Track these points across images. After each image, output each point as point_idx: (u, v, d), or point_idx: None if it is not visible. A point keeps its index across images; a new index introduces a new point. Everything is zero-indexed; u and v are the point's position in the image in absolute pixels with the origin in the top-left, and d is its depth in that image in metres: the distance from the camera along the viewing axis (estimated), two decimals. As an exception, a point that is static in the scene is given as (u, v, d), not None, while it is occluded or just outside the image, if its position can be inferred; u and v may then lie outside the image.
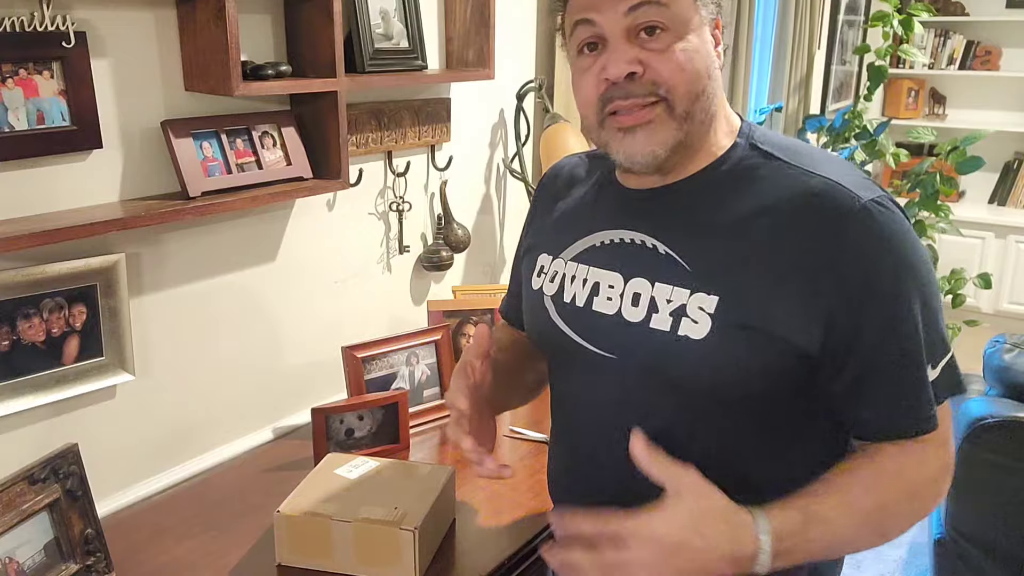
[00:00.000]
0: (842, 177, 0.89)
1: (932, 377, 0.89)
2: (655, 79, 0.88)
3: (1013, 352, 2.37)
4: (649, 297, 0.93)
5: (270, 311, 1.66)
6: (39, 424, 1.32)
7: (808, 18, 3.88)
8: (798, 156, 0.93)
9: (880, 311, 0.87)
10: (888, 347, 0.88)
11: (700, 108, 0.91)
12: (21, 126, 1.20)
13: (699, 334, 0.89)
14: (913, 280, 0.88)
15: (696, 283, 0.90)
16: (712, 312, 0.89)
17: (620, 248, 0.98)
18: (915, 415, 0.90)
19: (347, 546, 1.20)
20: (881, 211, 0.87)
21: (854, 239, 0.86)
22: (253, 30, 1.49)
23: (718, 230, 0.92)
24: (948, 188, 3.50)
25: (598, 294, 0.98)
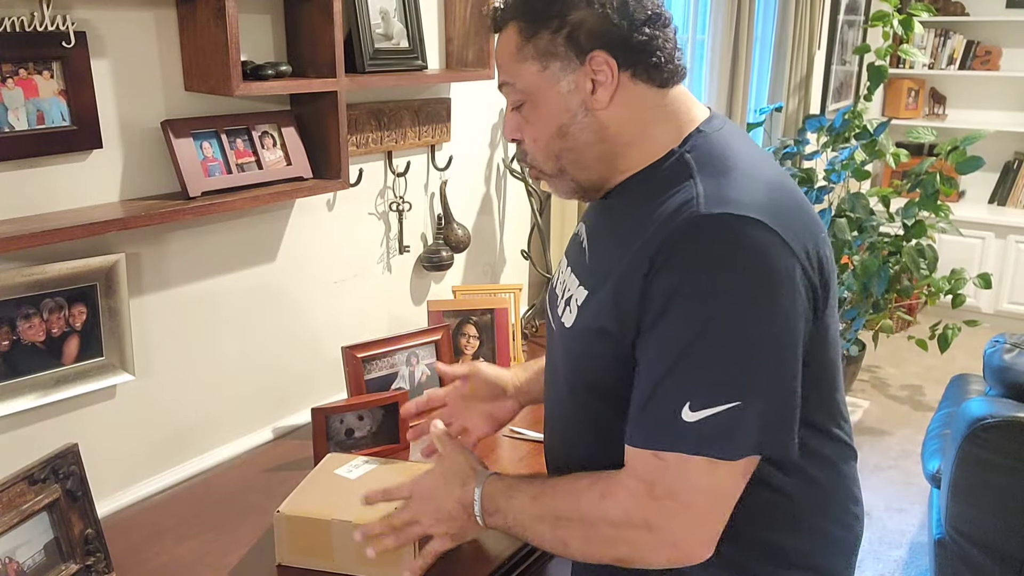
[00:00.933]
0: (721, 192, 0.87)
1: (688, 418, 0.84)
2: (524, 149, 1.02)
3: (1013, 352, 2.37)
4: (566, 284, 1.06)
5: (270, 311, 1.66)
6: (39, 424, 1.32)
7: (808, 18, 3.88)
8: (708, 167, 0.92)
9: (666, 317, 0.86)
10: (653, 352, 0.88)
11: (570, 160, 0.99)
12: (21, 126, 1.20)
13: (568, 323, 1.01)
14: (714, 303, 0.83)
15: (585, 277, 1.01)
16: (580, 305, 0.99)
17: (576, 243, 1.11)
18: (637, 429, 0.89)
19: (347, 546, 1.20)
20: (722, 225, 0.84)
21: (674, 244, 0.86)
22: (253, 30, 1.49)
23: (614, 231, 0.98)
24: (948, 188, 3.50)
25: (559, 278, 1.12)
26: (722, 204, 0.86)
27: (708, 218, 0.85)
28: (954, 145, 3.54)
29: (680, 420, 0.84)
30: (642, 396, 0.88)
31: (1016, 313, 4.66)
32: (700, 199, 0.87)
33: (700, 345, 0.83)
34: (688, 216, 0.86)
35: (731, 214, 0.84)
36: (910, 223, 3.52)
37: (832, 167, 3.53)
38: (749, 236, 0.84)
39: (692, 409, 0.83)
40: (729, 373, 0.83)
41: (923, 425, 3.26)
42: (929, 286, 3.60)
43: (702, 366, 0.84)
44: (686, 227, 0.86)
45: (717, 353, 0.83)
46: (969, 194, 5.14)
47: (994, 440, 2.04)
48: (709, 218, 0.85)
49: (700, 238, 0.85)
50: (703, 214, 0.85)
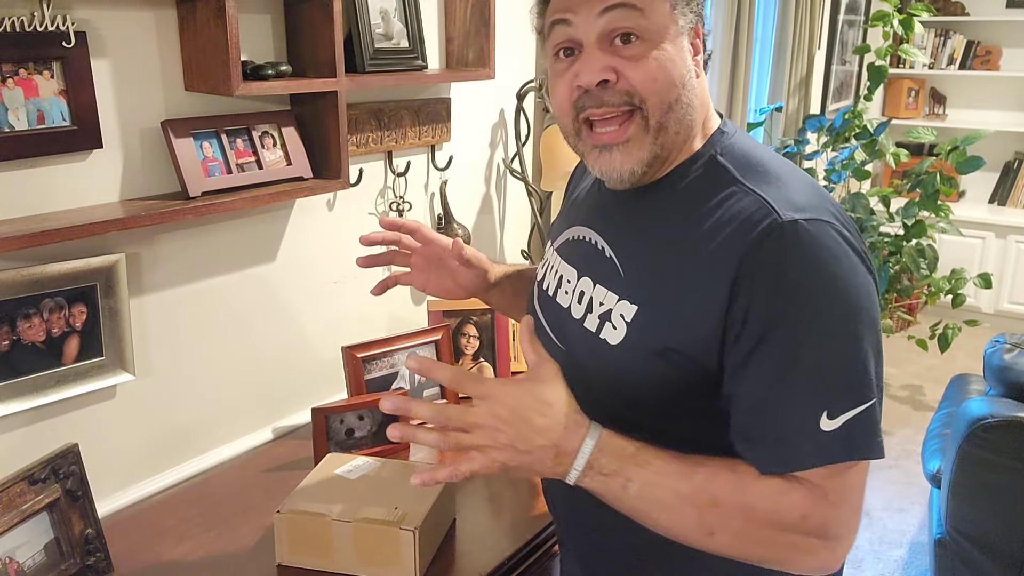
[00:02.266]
0: (784, 197, 0.85)
1: (827, 427, 0.80)
2: (628, 88, 0.87)
3: (1013, 352, 2.37)
4: (589, 297, 0.97)
5: (270, 311, 1.66)
6: (39, 424, 1.32)
7: (808, 18, 3.88)
8: (750, 172, 0.90)
9: (773, 334, 0.81)
10: (766, 373, 0.82)
11: (674, 119, 0.89)
12: (21, 126, 1.20)
13: (615, 339, 0.92)
14: (823, 310, 0.81)
15: (625, 290, 0.92)
16: (629, 321, 0.91)
17: (581, 245, 1.02)
18: (772, 452, 0.83)
19: (347, 546, 1.20)
20: (805, 230, 0.82)
21: (763, 258, 0.82)
22: (253, 30, 1.49)
23: (655, 240, 0.92)
24: (948, 188, 3.50)
25: (560, 286, 1.04)
26: (796, 210, 0.83)
27: (794, 224, 0.82)
28: (954, 145, 3.54)
29: (821, 431, 0.80)
30: (772, 417, 0.83)
31: (1016, 313, 4.66)
32: (773, 206, 0.83)
33: (824, 353, 0.81)
34: (770, 224, 0.82)
35: (813, 219, 0.83)
36: (910, 223, 3.52)
37: (832, 167, 3.53)
38: (834, 238, 0.83)
39: (830, 417, 0.80)
40: (857, 374, 0.82)
41: (923, 425, 3.26)
42: (929, 286, 3.60)
43: (828, 374, 0.81)
44: (772, 235, 0.82)
45: (842, 358, 0.81)
46: (969, 194, 5.14)
47: (994, 440, 2.04)
48: (794, 224, 0.82)
49: (792, 245, 0.82)
50: (785, 221, 0.82)
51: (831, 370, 0.81)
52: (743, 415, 0.85)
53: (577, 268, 1.01)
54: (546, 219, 2.27)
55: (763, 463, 0.84)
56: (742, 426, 0.86)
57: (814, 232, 0.82)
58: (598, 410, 0.91)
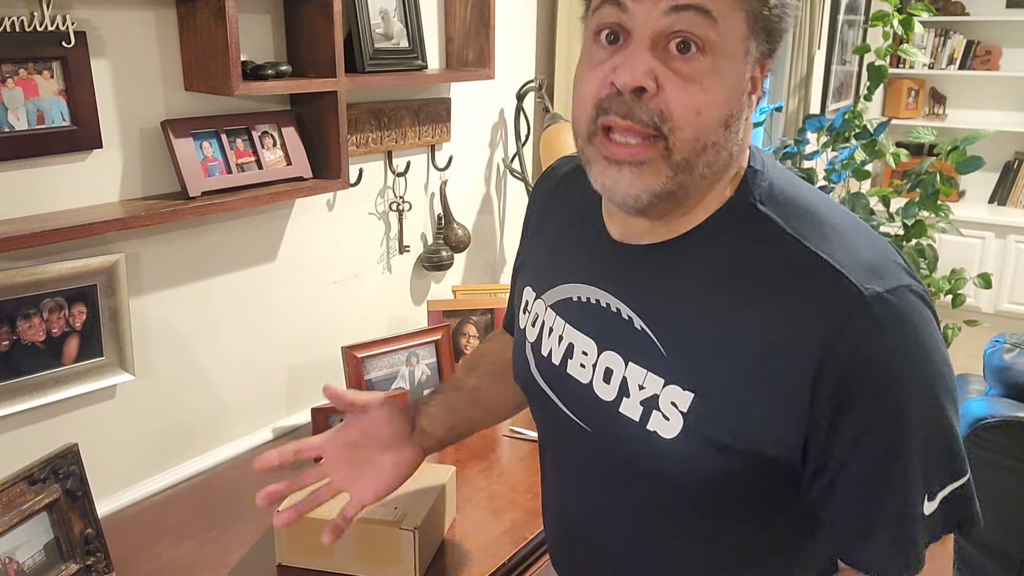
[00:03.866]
0: (853, 258, 0.74)
1: (928, 510, 0.74)
2: (663, 109, 0.72)
3: (1013, 352, 2.37)
4: (621, 377, 0.83)
5: (270, 311, 1.66)
6: (39, 424, 1.32)
7: (808, 18, 3.88)
8: (806, 224, 0.77)
9: (867, 422, 0.73)
10: (865, 464, 0.74)
11: (704, 161, 0.75)
12: (21, 126, 1.20)
13: (669, 433, 0.79)
14: (921, 390, 0.73)
15: (671, 372, 0.79)
16: (685, 411, 0.78)
17: (595, 311, 0.86)
18: (885, 554, 0.76)
19: (347, 546, 1.20)
20: (892, 305, 0.72)
21: (848, 337, 0.71)
22: (253, 30, 1.49)
23: (700, 311, 0.78)
24: (948, 188, 3.50)
25: (572, 357, 0.88)
26: (874, 276, 0.73)
27: (878, 302, 0.72)
28: (954, 145, 3.53)
29: (923, 515, 0.75)
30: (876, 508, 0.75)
31: (1016, 313, 4.66)
32: (848, 275, 0.72)
33: (932, 430, 0.74)
34: (851, 298, 0.72)
35: (895, 288, 0.73)
36: (910, 223, 3.51)
37: (832, 167, 3.53)
38: (918, 306, 0.74)
39: (929, 499, 0.75)
40: (955, 449, 0.76)
41: (923, 425, 3.25)
42: (929, 286, 3.60)
43: (937, 449, 0.75)
44: (858, 317, 0.71)
45: (942, 436, 0.75)
46: (969, 194, 5.14)
47: (994, 440, 2.04)
48: (879, 302, 0.72)
49: (882, 328, 0.72)
50: (870, 297, 0.71)
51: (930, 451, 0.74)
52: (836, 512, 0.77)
53: (594, 339, 0.86)
54: (546, 219, 2.27)
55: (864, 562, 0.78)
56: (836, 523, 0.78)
57: (901, 307, 0.73)
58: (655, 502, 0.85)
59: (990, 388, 2.42)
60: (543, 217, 1.01)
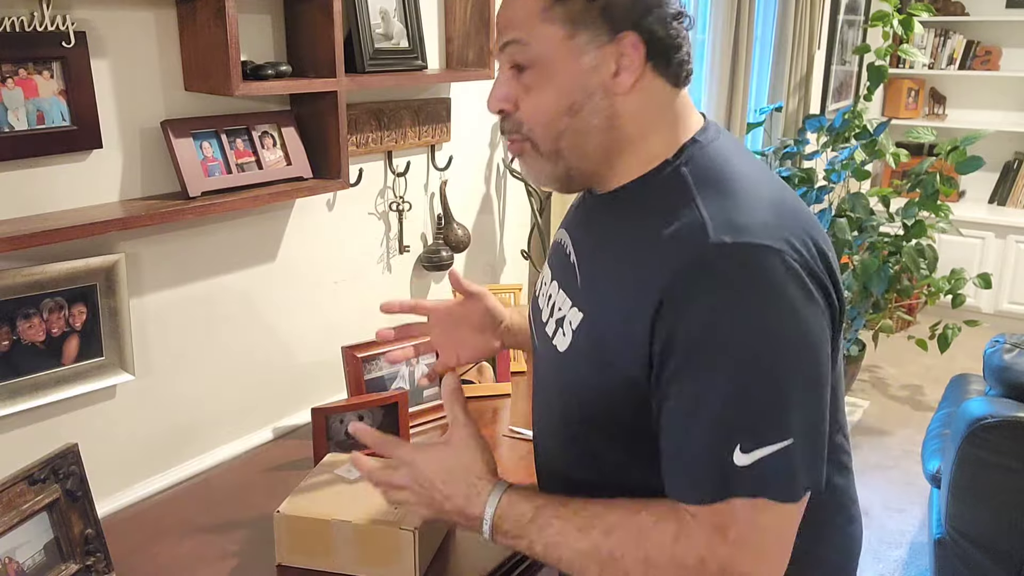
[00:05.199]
0: (725, 214, 0.82)
1: (741, 463, 0.78)
2: (519, 119, 0.91)
3: (1013, 352, 2.37)
4: (553, 301, 0.99)
5: (270, 311, 1.66)
6: (39, 424, 1.32)
7: (808, 18, 3.88)
8: (708, 186, 0.86)
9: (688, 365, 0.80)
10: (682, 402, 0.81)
11: (568, 145, 0.90)
12: (21, 126, 1.20)
13: (562, 347, 0.94)
14: (739, 344, 0.78)
15: (577, 297, 0.94)
16: (574, 328, 0.92)
17: (558, 249, 1.04)
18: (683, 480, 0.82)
19: (347, 546, 1.20)
20: (732, 257, 0.79)
21: (684, 284, 0.80)
22: (253, 30, 1.49)
23: (609, 250, 0.92)
24: (948, 188, 3.50)
25: (541, 287, 1.07)
26: (734, 231, 0.80)
27: (722, 247, 0.79)
28: (954, 145, 3.54)
29: (733, 464, 0.79)
30: (685, 444, 0.82)
31: (1016, 313, 4.66)
32: (708, 226, 0.80)
33: (738, 385, 0.79)
34: (699, 245, 0.80)
35: (747, 243, 0.79)
36: (910, 223, 3.52)
37: (832, 167, 3.53)
38: (768, 265, 0.79)
39: (743, 451, 0.78)
40: (774, 411, 0.79)
41: (923, 425, 3.26)
42: (929, 286, 3.60)
43: (745, 407, 0.79)
44: (699, 258, 0.80)
45: (757, 392, 0.79)
46: (969, 194, 5.15)
47: (994, 440, 2.05)
48: (723, 247, 0.79)
49: (717, 271, 0.79)
50: (715, 243, 0.79)
51: (744, 405, 0.79)
52: (662, 441, 0.85)
53: (553, 272, 1.03)
54: (546, 219, 2.27)
55: (672, 490, 0.84)
56: (662, 451, 0.85)
57: (748, 256, 0.79)
58: (556, 417, 1.01)
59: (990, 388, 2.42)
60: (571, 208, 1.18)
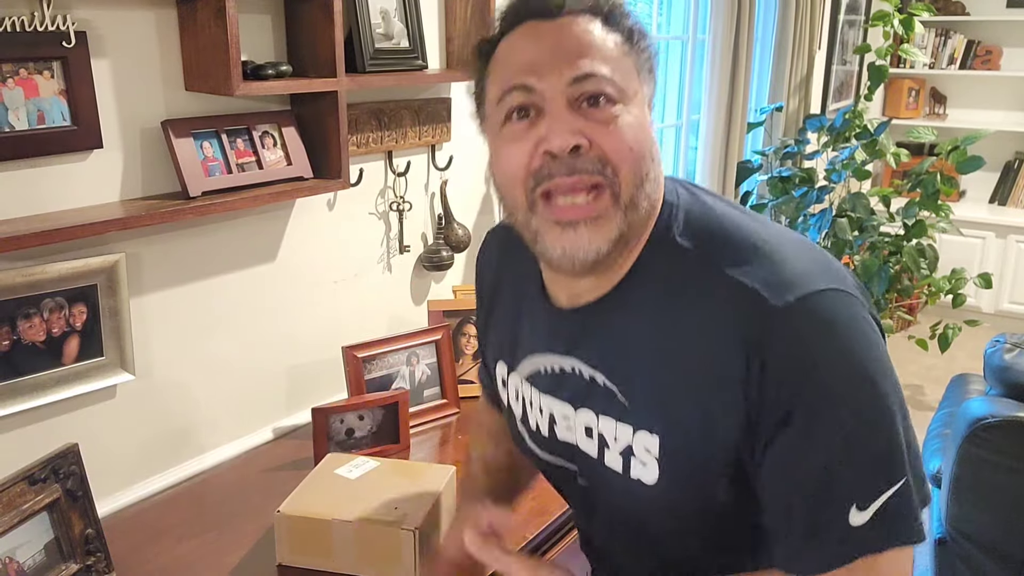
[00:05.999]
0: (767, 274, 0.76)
1: (858, 521, 0.73)
2: (600, 155, 0.77)
3: (1013, 352, 2.37)
4: (597, 432, 0.87)
5: (270, 311, 1.66)
6: (39, 424, 1.32)
7: (808, 18, 3.88)
8: (720, 249, 0.80)
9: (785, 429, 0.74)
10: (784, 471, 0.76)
11: (644, 195, 0.79)
12: (21, 126, 1.20)
13: (650, 478, 0.83)
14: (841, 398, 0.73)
15: (636, 419, 0.83)
16: (658, 456, 0.82)
17: (563, 378, 0.90)
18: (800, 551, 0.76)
19: (347, 546, 1.20)
20: (805, 312, 0.74)
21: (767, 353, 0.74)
22: (253, 30, 1.49)
23: (646, 354, 0.82)
24: (948, 188, 3.50)
25: (556, 424, 0.92)
26: (788, 288, 0.75)
27: (789, 308, 0.74)
28: (954, 145, 3.54)
29: (851, 527, 0.73)
30: (797, 518, 0.76)
31: (1016, 313, 4.66)
32: (762, 292, 0.75)
33: (845, 439, 0.73)
34: (765, 315, 0.74)
35: (807, 294, 0.75)
36: (910, 223, 3.52)
37: (832, 167, 3.53)
38: (836, 307, 0.75)
39: (860, 509, 0.73)
40: (885, 457, 0.74)
41: (923, 425, 3.26)
42: (929, 286, 3.60)
43: (855, 463, 0.73)
44: (771, 327, 0.74)
45: (865, 444, 0.73)
46: (969, 194, 5.14)
47: (994, 440, 2.04)
48: (790, 308, 0.74)
49: (794, 333, 0.74)
50: (781, 306, 0.74)
51: (856, 458, 0.73)
52: (769, 515, 0.79)
53: (569, 402, 0.90)
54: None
55: (793, 563, 0.77)
56: (769, 525, 0.79)
57: (810, 311, 0.74)
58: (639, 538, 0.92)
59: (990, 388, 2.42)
60: (495, 292, 1.04)
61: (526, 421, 0.97)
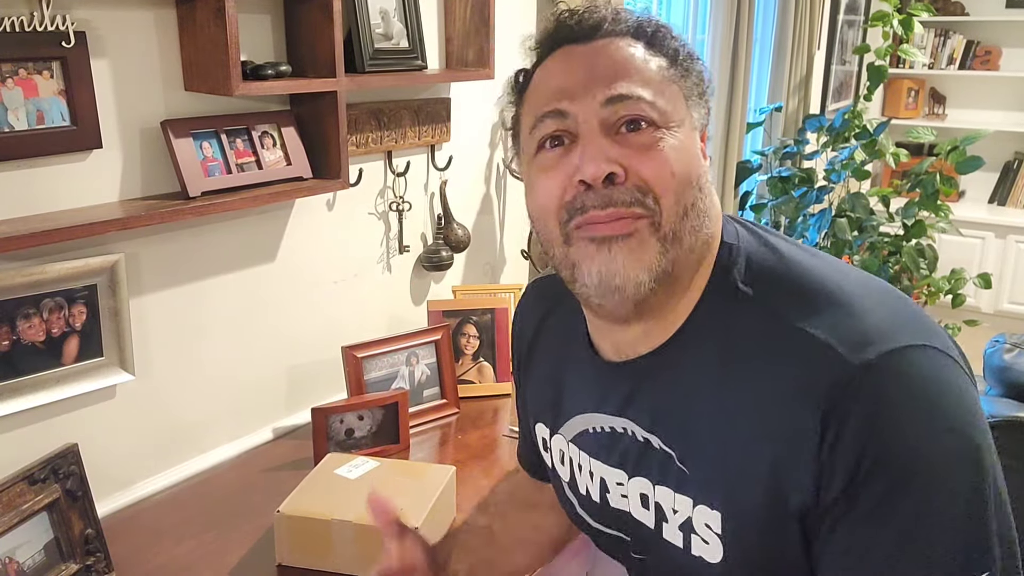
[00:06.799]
0: (844, 328, 0.68)
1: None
2: (639, 184, 0.71)
3: (1013, 352, 2.37)
4: (654, 502, 0.80)
5: (270, 311, 1.66)
6: (39, 424, 1.32)
7: (808, 18, 3.88)
8: (789, 298, 0.72)
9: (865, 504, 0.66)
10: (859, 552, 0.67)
11: (689, 228, 0.73)
12: (21, 126, 1.20)
13: (713, 557, 0.75)
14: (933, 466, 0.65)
15: (698, 492, 0.76)
16: (720, 533, 0.74)
17: (613, 438, 0.83)
18: None
19: (347, 546, 1.20)
20: (887, 373, 0.66)
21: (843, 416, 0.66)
22: (253, 30, 1.49)
23: (708, 417, 0.74)
24: (948, 188, 3.50)
25: (609, 491, 0.85)
26: (868, 344, 0.67)
27: (868, 367, 0.66)
28: (954, 145, 3.54)
29: None
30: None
31: (1016, 313, 4.66)
32: (838, 347, 0.67)
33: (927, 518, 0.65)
34: (842, 374, 0.66)
35: (890, 351, 0.66)
36: (910, 223, 3.52)
37: (832, 167, 3.53)
38: (926, 368, 0.67)
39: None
40: (970, 538, 0.65)
41: (923, 425, 3.25)
42: (929, 286, 3.60)
43: (938, 540, 0.65)
44: (849, 387, 0.66)
45: (950, 520, 0.65)
46: (969, 194, 5.14)
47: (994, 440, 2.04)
48: (869, 367, 0.66)
49: (873, 398, 0.65)
50: (860, 364, 0.66)
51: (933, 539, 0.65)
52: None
53: (621, 467, 0.83)
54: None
55: None
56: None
57: (900, 372, 0.66)
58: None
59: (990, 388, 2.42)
60: (532, 348, 0.97)
61: (575, 487, 0.90)
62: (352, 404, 1.58)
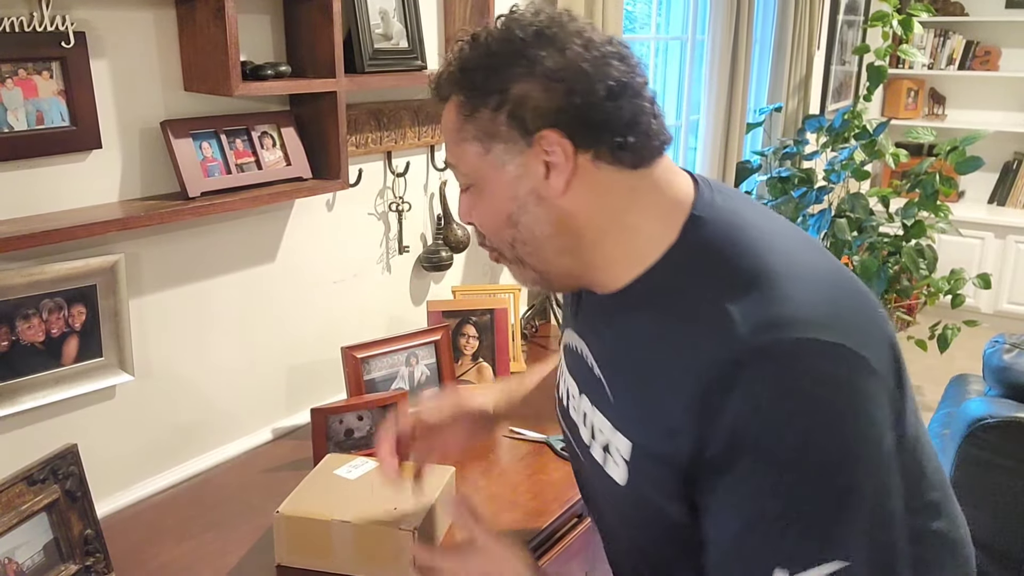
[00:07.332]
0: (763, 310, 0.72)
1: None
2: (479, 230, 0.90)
3: (1013, 352, 2.37)
4: (591, 421, 0.90)
5: (270, 311, 1.66)
6: (39, 424, 1.32)
7: (808, 18, 3.88)
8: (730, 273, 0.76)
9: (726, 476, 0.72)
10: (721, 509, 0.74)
11: (526, 253, 0.86)
12: (21, 126, 1.20)
13: (621, 479, 0.84)
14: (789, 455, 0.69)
15: (616, 419, 0.84)
16: (627, 459, 0.82)
17: (575, 357, 0.94)
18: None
19: (347, 546, 1.20)
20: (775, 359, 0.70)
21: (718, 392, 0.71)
22: (253, 30, 1.49)
23: (636, 359, 0.82)
24: (948, 188, 3.50)
25: (570, 399, 0.97)
26: (773, 328, 0.70)
27: (758, 353, 0.70)
28: (953, 145, 3.54)
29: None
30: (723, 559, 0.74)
31: (1016, 313, 4.66)
32: (741, 327, 0.71)
33: (785, 502, 0.70)
34: (732, 352, 0.71)
35: (790, 339, 0.70)
36: (910, 223, 3.52)
37: (832, 167, 3.53)
38: (820, 364, 0.70)
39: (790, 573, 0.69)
40: (826, 529, 0.69)
41: (923, 425, 3.25)
42: (929, 286, 3.60)
43: (791, 524, 0.70)
44: (733, 368, 0.70)
45: (807, 509, 0.69)
46: (969, 194, 5.14)
47: (994, 440, 2.04)
48: (759, 352, 0.70)
49: (755, 381, 0.70)
50: (750, 347, 0.70)
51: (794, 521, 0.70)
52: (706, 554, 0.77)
53: (578, 383, 0.94)
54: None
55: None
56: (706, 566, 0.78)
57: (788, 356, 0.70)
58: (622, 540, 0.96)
59: (990, 388, 2.42)
60: None
61: (558, 387, 1.04)
62: (352, 404, 1.57)
